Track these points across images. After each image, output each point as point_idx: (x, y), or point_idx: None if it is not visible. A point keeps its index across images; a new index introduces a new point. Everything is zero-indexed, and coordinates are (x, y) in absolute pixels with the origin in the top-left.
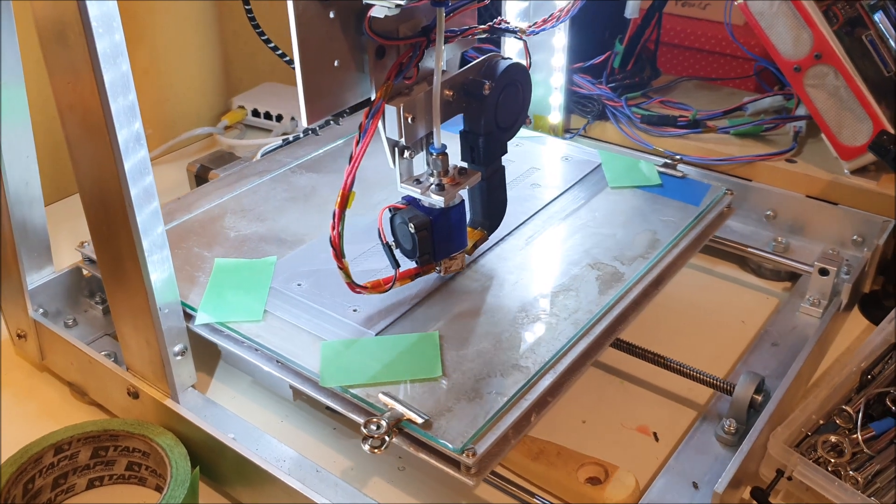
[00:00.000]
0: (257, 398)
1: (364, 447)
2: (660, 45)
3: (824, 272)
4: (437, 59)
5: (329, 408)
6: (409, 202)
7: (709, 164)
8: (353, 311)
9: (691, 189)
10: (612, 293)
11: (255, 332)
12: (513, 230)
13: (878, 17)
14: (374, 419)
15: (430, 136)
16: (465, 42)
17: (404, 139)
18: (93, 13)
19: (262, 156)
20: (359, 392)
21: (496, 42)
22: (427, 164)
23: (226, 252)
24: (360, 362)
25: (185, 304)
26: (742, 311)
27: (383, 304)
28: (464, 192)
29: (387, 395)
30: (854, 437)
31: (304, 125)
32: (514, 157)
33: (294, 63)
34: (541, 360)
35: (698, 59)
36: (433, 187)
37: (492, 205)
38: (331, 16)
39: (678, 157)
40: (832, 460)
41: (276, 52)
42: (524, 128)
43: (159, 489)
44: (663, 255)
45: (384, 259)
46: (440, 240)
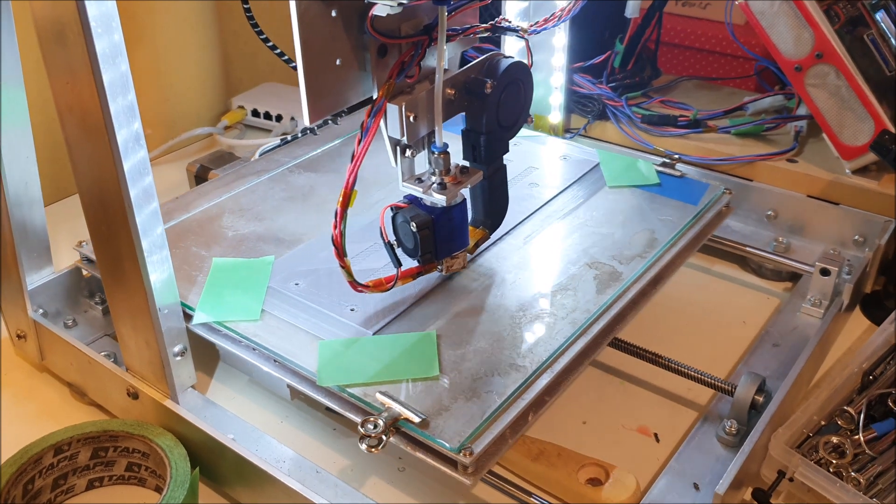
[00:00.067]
0: (257, 398)
1: (361, 446)
2: (660, 44)
3: (825, 272)
4: (439, 58)
5: (329, 408)
6: (411, 201)
7: (709, 164)
8: (351, 310)
9: (690, 188)
10: (610, 292)
11: (253, 332)
12: (511, 229)
13: (879, 15)
14: (371, 418)
15: (431, 134)
16: (466, 41)
17: (406, 138)
18: (92, 13)
19: (261, 155)
20: (356, 391)
21: (496, 41)
22: (429, 163)
23: (224, 251)
24: (357, 362)
25: (183, 304)
26: (743, 311)
27: (381, 304)
28: (465, 191)
29: (384, 394)
30: (856, 438)
31: (306, 124)
32: (512, 157)
33: (295, 62)
34: (538, 359)
35: (699, 58)
36: (435, 186)
37: (493, 204)
38: (333, 14)
39: (677, 156)
40: (834, 461)
41: (275, 51)
42: (525, 127)
43: (159, 490)
44: (661, 254)
45: (382, 258)
46: (442, 239)
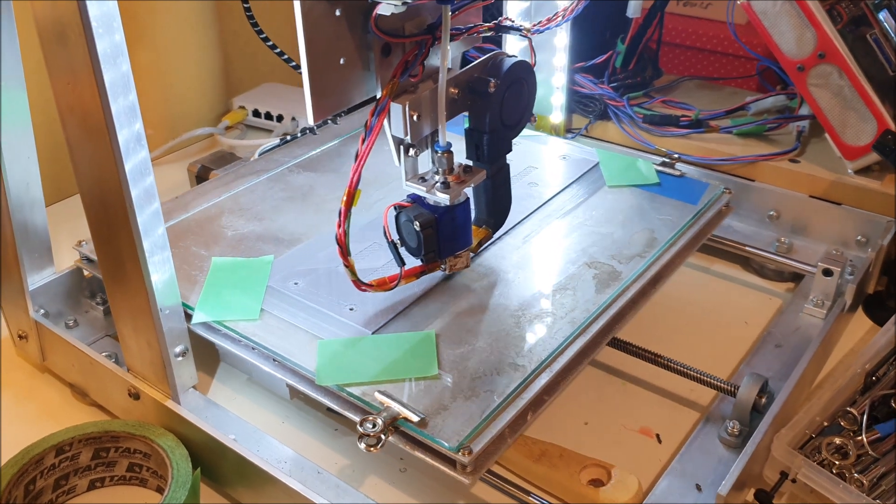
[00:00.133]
0: (258, 399)
1: (360, 445)
2: (662, 44)
3: (828, 273)
4: (443, 57)
5: (329, 408)
6: (415, 200)
7: (711, 164)
8: (350, 309)
9: (689, 188)
10: (609, 292)
11: (252, 331)
12: (510, 229)
13: (882, 15)
14: (370, 417)
15: (435, 133)
16: (469, 40)
17: (410, 137)
18: (93, 13)
19: (260, 155)
20: (355, 391)
21: (497, 41)
22: (432, 162)
23: (223, 251)
24: (356, 361)
25: (182, 304)
26: (745, 311)
27: (380, 304)
28: (468, 190)
29: (383, 393)
30: (859, 439)
31: (310, 123)
32: (511, 156)
33: (298, 62)
34: (537, 358)
35: (700, 58)
36: (438, 185)
37: (496, 203)
38: (337, 14)
39: (677, 156)
40: (836, 462)
41: (275, 51)
42: (526, 126)
43: (160, 490)
44: (661, 253)
45: (382, 257)
46: (445, 238)
